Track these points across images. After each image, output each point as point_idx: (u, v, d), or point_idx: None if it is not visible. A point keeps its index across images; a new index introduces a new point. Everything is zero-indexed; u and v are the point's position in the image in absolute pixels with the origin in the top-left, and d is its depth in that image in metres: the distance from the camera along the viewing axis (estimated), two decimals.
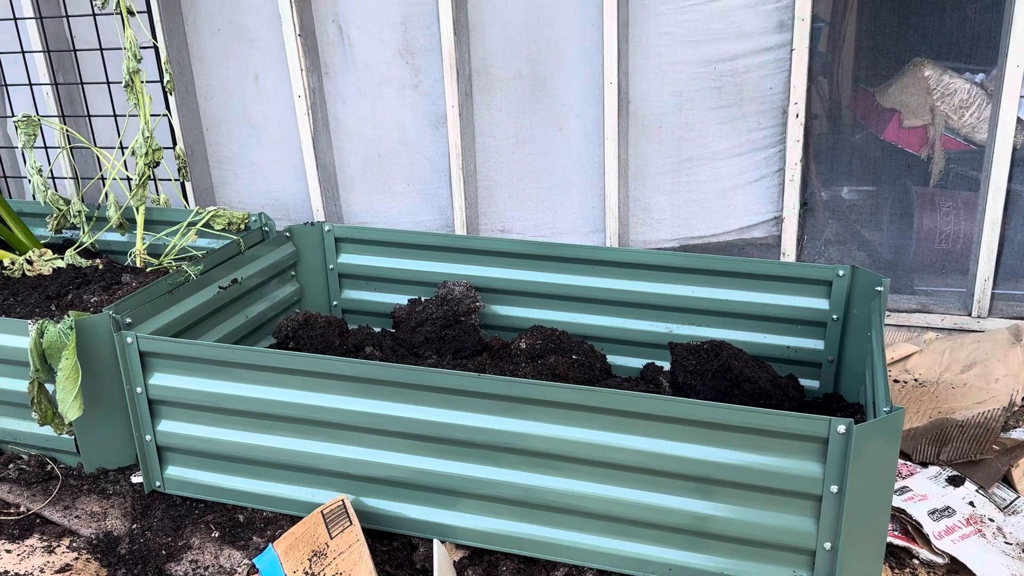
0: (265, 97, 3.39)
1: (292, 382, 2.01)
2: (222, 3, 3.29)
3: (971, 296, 2.79)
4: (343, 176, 3.43)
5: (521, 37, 2.99)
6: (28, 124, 2.89)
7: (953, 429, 2.21)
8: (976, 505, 2.02)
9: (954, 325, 2.82)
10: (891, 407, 1.62)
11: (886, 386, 1.73)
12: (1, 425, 2.37)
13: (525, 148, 3.14)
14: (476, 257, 2.79)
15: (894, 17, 2.98)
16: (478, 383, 1.87)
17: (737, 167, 2.93)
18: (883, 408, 1.65)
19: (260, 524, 2.10)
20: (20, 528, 2.12)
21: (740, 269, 2.49)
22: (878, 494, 1.64)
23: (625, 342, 2.66)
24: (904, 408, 1.60)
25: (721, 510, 1.80)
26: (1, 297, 2.56)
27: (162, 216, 2.99)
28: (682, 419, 1.75)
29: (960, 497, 2.05)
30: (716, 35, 2.80)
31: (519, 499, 1.94)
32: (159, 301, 2.33)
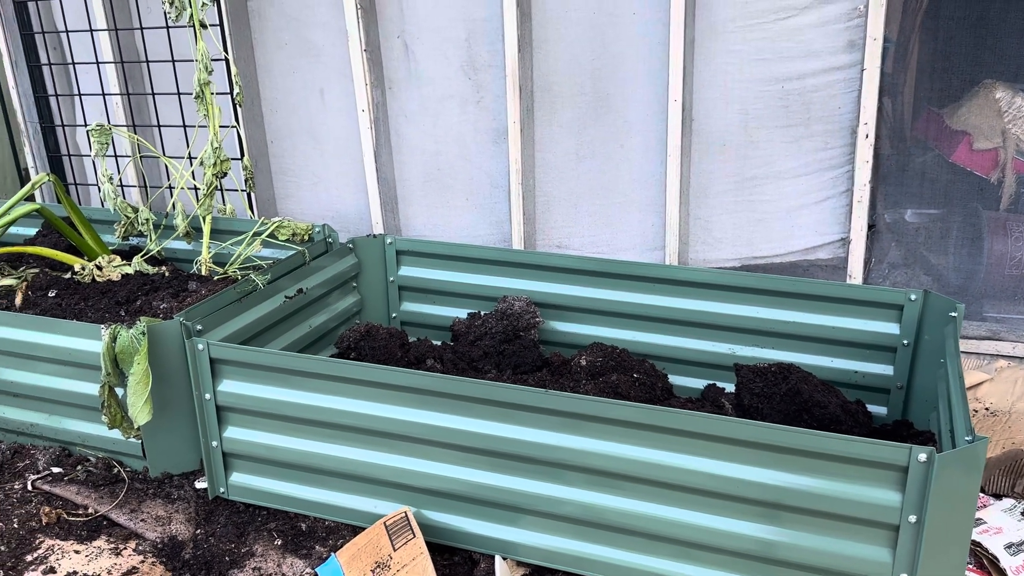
0: (329, 111, 3.43)
1: (357, 392, 2.02)
2: (289, 18, 3.35)
3: None
4: (403, 190, 3.46)
5: (585, 54, 3.00)
6: (101, 133, 2.96)
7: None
8: None
9: None
10: (973, 436, 1.57)
11: (966, 414, 1.68)
12: (71, 427, 2.42)
13: (585, 164, 3.13)
14: (536, 272, 2.79)
15: (965, 37, 2.92)
16: (543, 399, 1.86)
17: (803, 187, 2.89)
18: (964, 437, 1.60)
19: (322, 533, 2.11)
20: (88, 529, 2.16)
21: (807, 291, 2.46)
22: (958, 526, 1.59)
23: (686, 362, 2.63)
24: (988, 438, 1.55)
25: (789, 536, 1.76)
26: (73, 301, 2.62)
27: (228, 226, 3.05)
28: (753, 442, 1.72)
29: None
30: (784, 54, 2.78)
31: (582, 518, 1.92)
32: (227, 309, 2.36)
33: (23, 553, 2.07)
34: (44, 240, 3.18)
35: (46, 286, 2.72)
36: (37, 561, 2.04)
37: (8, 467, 2.41)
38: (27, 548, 2.08)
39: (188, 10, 2.84)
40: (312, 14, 3.31)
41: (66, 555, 2.05)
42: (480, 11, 3.09)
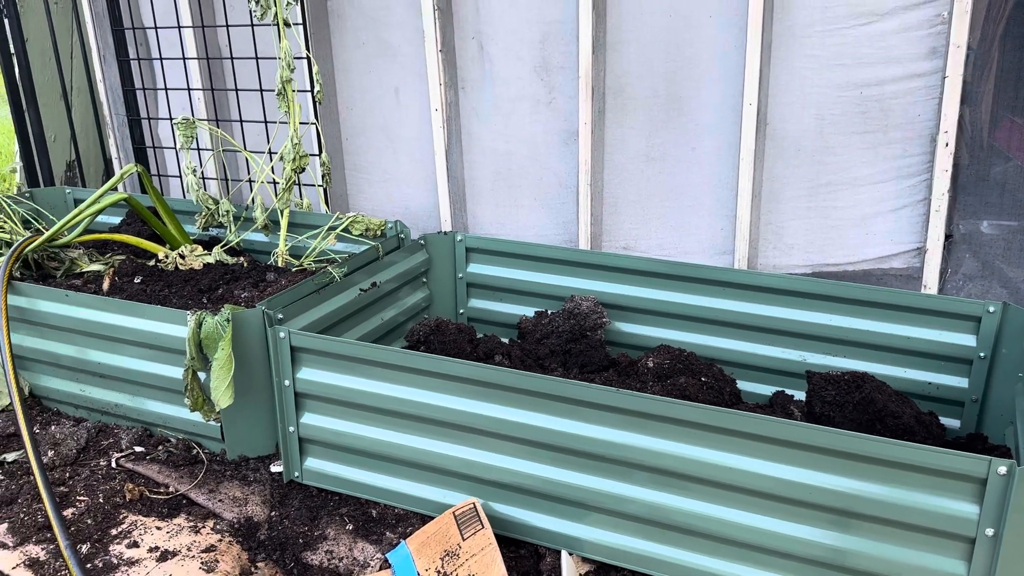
0: (403, 110, 3.50)
1: (430, 384, 2.07)
2: (368, 18, 3.43)
3: None
4: (472, 188, 3.51)
5: (659, 56, 3.00)
6: (187, 126, 3.08)
7: None
8: None
9: None
10: None
11: None
12: (153, 408, 2.52)
13: (655, 167, 3.14)
14: (603, 273, 2.81)
15: None
16: (613, 397, 1.88)
17: (879, 194, 2.85)
18: None
19: (392, 520, 2.17)
20: (169, 507, 2.25)
21: (882, 299, 2.43)
22: None
23: (754, 368, 2.62)
24: None
25: (860, 545, 1.75)
26: (157, 288, 2.73)
27: (304, 220, 3.13)
28: (827, 448, 1.71)
29: None
30: (864, 59, 2.74)
31: (648, 517, 1.93)
32: (306, 300, 2.44)
33: (109, 527, 2.16)
34: (128, 228, 3.31)
35: (132, 272, 2.83)
36: (121, 535, 2.13)
37: (93, 445, 2.53)
38: (112, 523, 2.18)
39: (273, 9, 2.93)
40: (390, 14, 3.39)
41: (148, 531, 2.14)
42: (555, 13, 3.12)
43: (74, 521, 2.17)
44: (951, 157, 2.69)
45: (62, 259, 2.93)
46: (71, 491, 2.30)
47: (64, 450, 2.46)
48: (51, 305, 2.55)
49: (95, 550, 2.07)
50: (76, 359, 2.58)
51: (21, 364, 2.69)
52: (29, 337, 2.64)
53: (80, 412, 2.67)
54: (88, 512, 2.21)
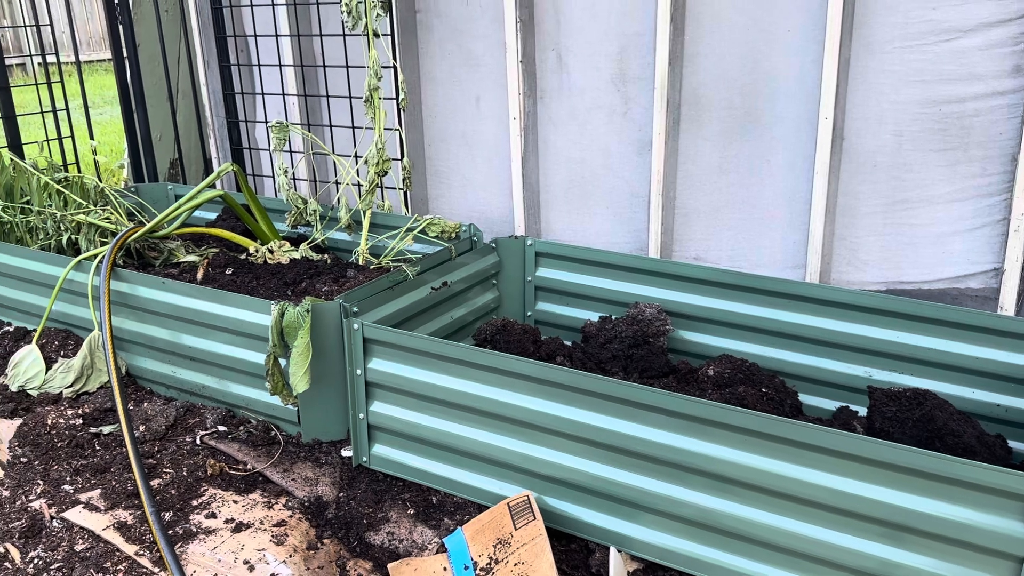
0: (482, 118, 3.62)
1: (493, 380, 2.16)
2: (453, 30, 3.56)
3: None
4: (546, 195, 3.59)
5: (736, 69, 3.03)
6: (280, 129, 3.26)
7: None
8: None
9: None
10: None
11: None
12: (237, 391, 2.69)
13: (728, 178, 3.16)
14: (669, 282, 2.85)
15: None
16: (665, 400, 1.93)
17: (957, 212, 2.81)
18: None
19: (451, 508, 2.26)
20: (246, 483, 2.40)
21: (953, 319, 2.40)
22: None
23: (819, 382, 2.62)
24: None
25: (912, 559, 1.75)
26: (246, 279, 2.91)
27: (384, 221, 3.28)
28: (881, 461, 1.72)
29: None
30: (945, 76, 2.71)
31: (700, 520, 1.97)
32: (381, 295, 2.57)
33: (190, 498, 2.33)
34: (224, 224, 3.53)
35: (224, 264, 3.02)
36: (201, 506, 2.29)
37: (181, 423, 2.71)
38: (193, 494, 2.35)
39: (364, 20, 3.09)
40: (474, 27, 3.51)
41: (226, 504, 2.30)
42: (634, 26, 3.18)
43: (159, 491, 2.35)
44: None
45: (161, 249, 3.15)
46: (158, 463, 2.48)
47: (154, 426, 2.65)
48: (149, 291, 2.76)
49: (176, 518, 2.24)
50: (169, 342, 2.78)
51: (120, 345, 2.91)
52: (128, 320, 2.85)
53: (171, 392, 2.86)
54: (172, 483, 2.38)
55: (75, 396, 2.84)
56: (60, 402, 2.80)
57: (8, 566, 2.09)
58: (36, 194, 3.31)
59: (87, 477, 2.43)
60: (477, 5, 3.48)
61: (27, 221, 3.34)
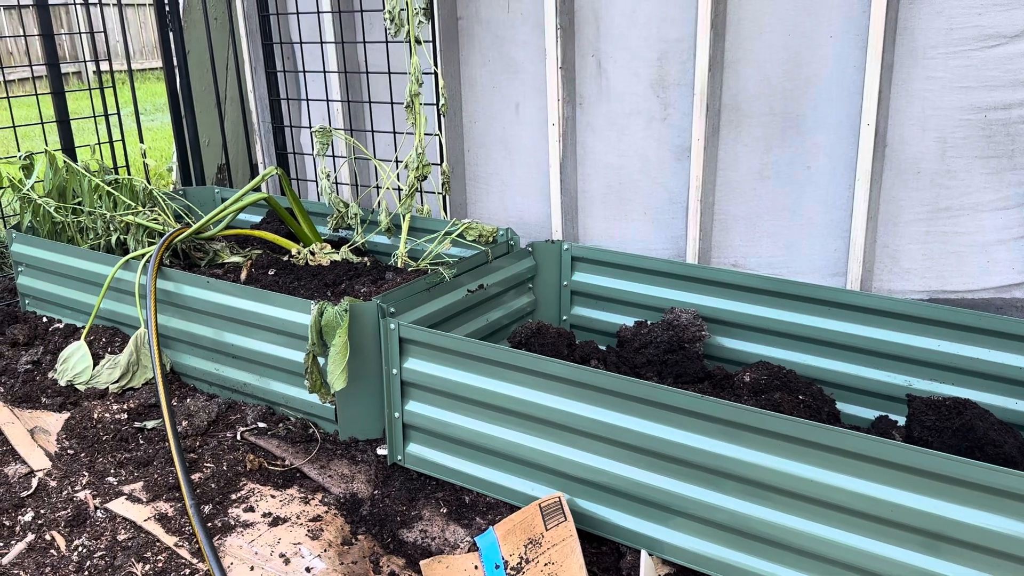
0: (522, 124, 3.64)
1: (526, 381, 2.18)
2: (494, 37, 3.60)
3: None
4: (583, 200, 3.60)
5: (777, 75, 3.02)
6: (323, 134, 3.33)
7: None
8: None
9: None
10: None
11: None
12: (277, 389, 2.74)
13: (768, 185, 3.14)
14: (705, 287, 2.84)
15: None
16: (698, 403, 1.93)
17: (1002, 221, 2.76)
18: None
19: (483, 507, 2.28)
20: (283, 479, 2.45)
21: (995, 327, 2.36)
22: None
23: (857, 390, 2.59)
24: None
25: (948, 568, 1.73)
26: (288, 280, 2.97)
27: (423, 224, 3.32)
28: (916, 469, 1.70)
29: None
30: (989, 82, 2.67)
31: (732, 525, 1.96)
32: (417, 297, 2.60)
33: (229, 492, 2.38)
34: (267, 226, 3.60)
35: (267, 265, 3.09)
36: (240, 500, 2.34)
37: (223, 419, 2.77)
38: (233, 488, 2.40)
39: (406, 27, 3.14)
40: (515, 33, 3.54)
41: (264, 498, 2.35)
42: (674, 32, 3.18)
43: (200, 484, 2.40)
44: None
45: (207, 250, 3.23)
46: (200, 458, 2.54)
47: (196, 421, 2.72)
48: (193, 290, 2.83)
49: (216, 511, 2.29)
50: (213, 340, 2.84)
51: (165, 343, 2.98)
52: (174, 319, 2.93)
53: (213, 389, 2.93)
54: (213, 477, 2.44)
55: (121, 392, 2.92)
56: (106, 397, 2.88)
57: (54, 553, 2.16)
58: (87, 195, 3.42)
59: (130, 470, 2.50)
60: (518, 12, 3.51)
61: (78, 221, 3.45)
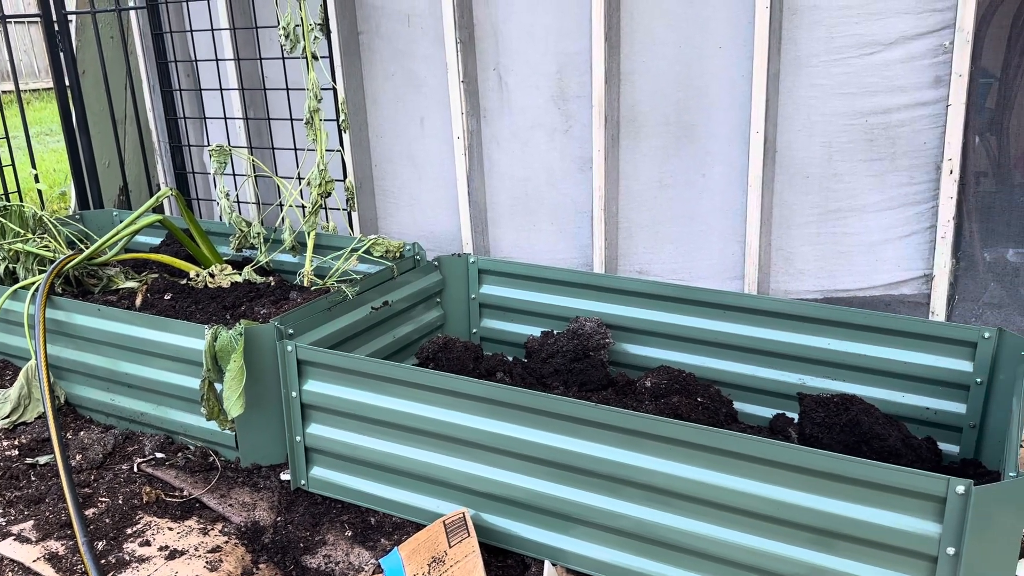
0: (428, 138, 3.64)
1: (428, 398, 2.16)
2: (396, 51, 3.59)
3: None
4: (492, 212, 3.62)
5: (670, 86, 3.09)
6: (220, 153, 3.26)
7: None
8: None
9: None
10: (1017, 473, 1.56)
11: (1016, 452, 1.66)
12: (174, 417, 2.67)
13: (668, 193, 3.21)
14: (609, 295, 2.88)
15: None
16: (595, 413, 1.95)
17: (887, 221, 2.87)
18: (1010, 473, 1.59)
19: (389, 528, 2.26)
20: (182, 510, 2.38)
21: (880, 324, 2.45)
22: (999, 562, 1.58)
23: (755, 390, 2.65)
24: None
25: (838, 564, 1.78)
26: (185, 304, 2.89)
27: (329, 242, 3.28)
28: (797, 467, 1.75)
29: None
30: (869, 88, 2.78)
31: (634, 532, 1.98)
32: (319, 316, 2.56)
33: (124, 526, 2.30)
34: (167, 249, 3.50)
35: (163, 290, 3.00)
36: (135, 534, 2.26)
37: (119, 451, 2.68)
38: (128, 523, 2.32)
39: (302, 43, 3.10)
40: (417, 48, 3.54)
41: (161, 531, 2.27)
42: (571, 45, 3.23)
43: (94, 520, 2.32)
44: (956, 185, 2.70)
45: (101, 276, 3.12)
46: (94, 492, 2.45)
47: (91, 455, 2.62)
48: (85, 319, 2.73)
49: (110, 547, 2.21)
50: (107, 370, 2.75)
51: (59, 374, 2.87)
52: (67, 349, 2.82)
53: (110, 420, 2.83)
54: (107, 512, 2.35)
55: (12, 427, 2.80)
56: None
57: None
58: None
59: (20, 508, 2.40)
60: (418, 26, 3.51)
61: None
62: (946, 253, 2.76)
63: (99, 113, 4.29)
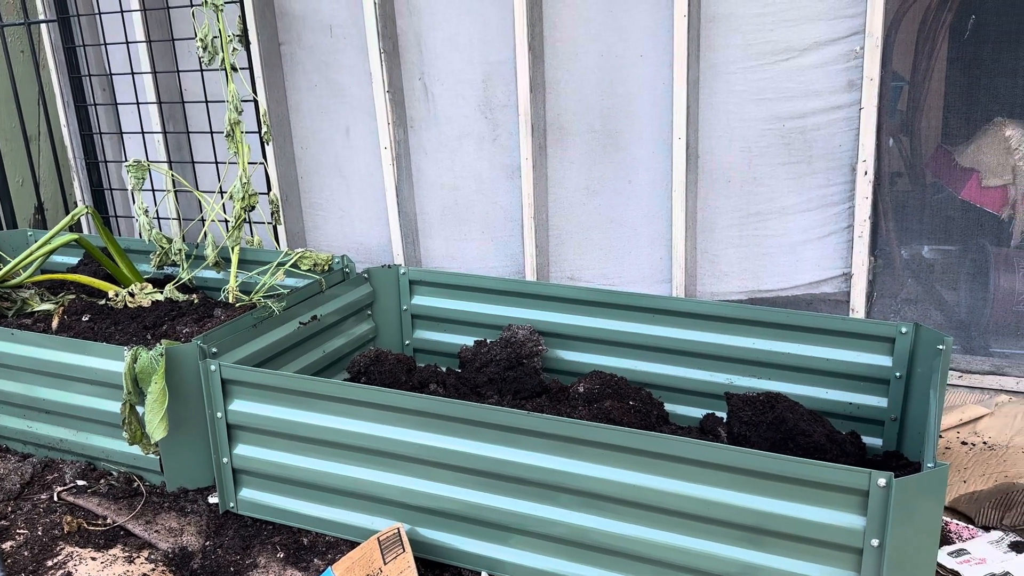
0: (354, 148, 3.60)
1: (359, 413, 2.13)
2: (319, 62, 3.54)
3: None
4: (423, 223, 3.60)
5: (594, 94, 3.12)
6: (137, 168, 3.16)
7: (1019, 494, 2.15)
8: None
9: None
10: (935, 463, 1.62)
11: (935, 443, 1.72)
12: (96, 443, 2.57)
13: (596, 199, 3.24)
14: (542, 303, 2.88)
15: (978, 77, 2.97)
16: (528, 421, 1.95)
17: (806, 222, 2.95)
18: (928, 464, 1.64)
19: (322, 547, 2.21)
20: (105, 538, 2.29)
21: (802, 323, 2.51)
22: (921, 551, 1.63)
23: (685, 391, 2.69)
24: (948, 464, 1.59)
25: (769, 560, 1.81)
26: (104, 325, 2.79)
27: (255, 256, 3.21)
28: (724, 466, 1.78)
29: (1022, 564, 1.99)
30: (785, 93, 2.86)
31: (570, 539, 1.99)
32: (244, 333, 2.50)
33: (44, 559, 2.21)
34: (85, 269, 3.38)
35: (81, 311, 2.90)
36: (56, 566, 2.17)
37: (38, 480, 2.57)
38: (48, 554, 2.22)
39: (220, 54, 3.04)
40: (340, 58, 3.50)
41: (83, 561, 2.19)
42: (496, 54, 3.23)
43: (11, 553, 2.22)
44: (871, 185, 2.79)
45: (14, 299, 3.00)
46: (12, 524, 2.35)
47: (8, 485, 2.51)
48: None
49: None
50: (23, 396, 2.64)
51: None
52: None
53: (28, 448, 2.72)
54: (26, 544, 2.25)
55: None
56: None
57: None
58: None
59: None
60: (341, 37, 3.47)
61: None
62: (863, 252, 2.84)
63: (10, 130, 4.13)
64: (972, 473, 2.33)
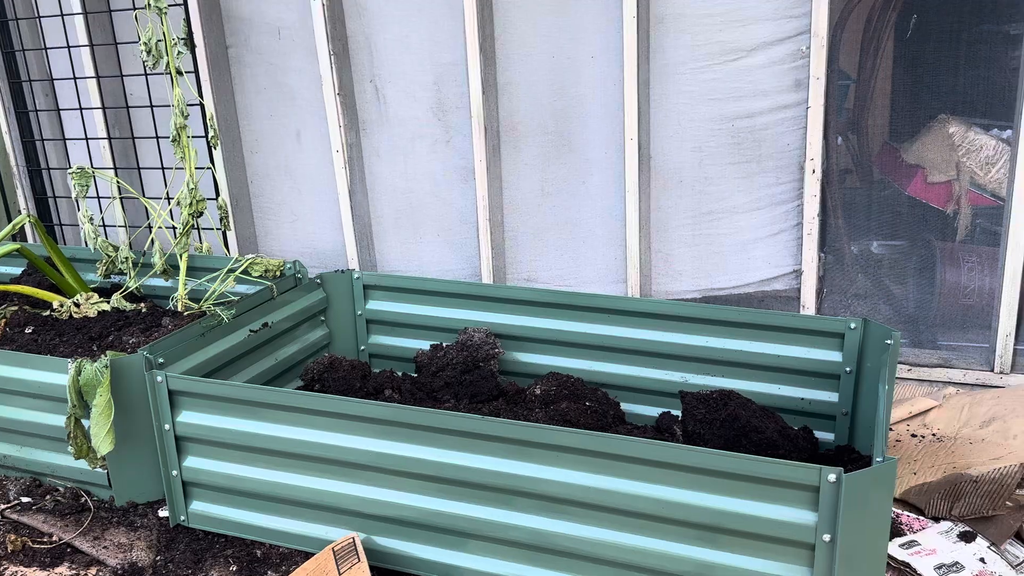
0: (306, 152, 3.56)
1: (311, 422, 2.10)
2: (267, 65, 3.49)
3: (993, 352, 2.77)
4: (377, 226, 3.56)
5: (546, 95, 3.12)
6: (81, 175, 3.08)
7: (967, 484, 2.19)
8: (987, 562, 2.00)
9: (976, 380, 2.80)
10: (884, 457, 1.64)
11: (885, 437, 1.74)
12: (41, 458, 2.50)
13: (550, 201, 3.23)
14: (497, 305, 2.87)
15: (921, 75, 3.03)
16: (483, 425, 1.93)
17: (757, 220, 2.98)
18: (877, 458, 1.66)
19: (276, 559, 2.18)
20: (52, 556, 2.23)
21: (753, 320, 2.53)
22: (872, 544, 1.65)
23: (640, 390, 2.70)
24: (897, 458, 1.61)
25: (725, 558, 1.82)
26: (48, 337, 2.72)
27: (204, 263, 3.15)
28: (678, 465, 1.78)
29: (971, 553, 2.03)
30: (734, 93, 2.88)
31: (528, 542, 1.98)
32: (192, 342, 2.45)
33: None
34: (28, 279, 3.29)
35: (24, 323, 2.82)
36: None
37: None
38: None
39: (165, 58, 2.97)
40: (289, 60, 3.45)
41: None
42: (447, 56, 3.22)
43: None
44: (819, 183, 2.83)
45: None
46: None
47: None
48: None
49: None
50: None
51: None
52: None
53: None
54: None
55: None
56: None
57: None
58: None
59: None
60: (289, 39, 3.42)
61: None
62: (813, 249, 2.88)
63: None
64: (922, 465, 2.37)
